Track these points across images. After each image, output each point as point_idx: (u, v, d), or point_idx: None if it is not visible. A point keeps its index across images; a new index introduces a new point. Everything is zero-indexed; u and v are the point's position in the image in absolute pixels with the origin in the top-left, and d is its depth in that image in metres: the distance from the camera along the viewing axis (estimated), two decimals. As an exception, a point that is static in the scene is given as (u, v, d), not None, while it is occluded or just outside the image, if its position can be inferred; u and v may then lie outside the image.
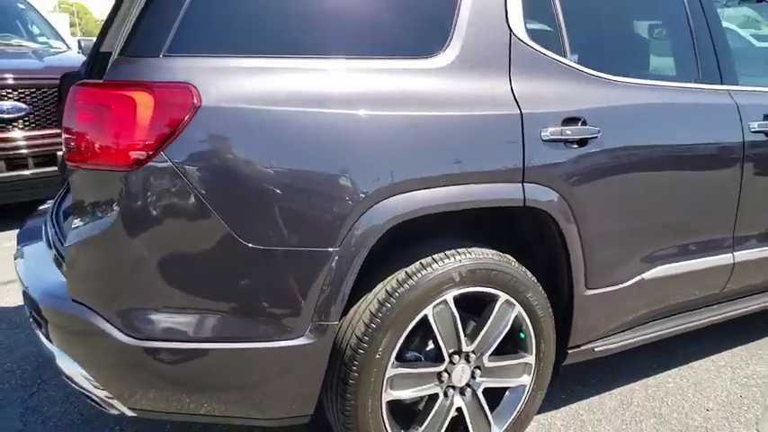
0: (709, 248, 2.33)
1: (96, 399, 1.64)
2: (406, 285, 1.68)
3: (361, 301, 1.68)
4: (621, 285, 2.10)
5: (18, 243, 2.20)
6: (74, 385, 1.72)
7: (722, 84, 2.32)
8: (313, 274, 1.54)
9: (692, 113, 2.20)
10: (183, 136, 1.41)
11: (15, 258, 2.09)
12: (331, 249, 1.54)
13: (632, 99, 2.03)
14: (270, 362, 1.57)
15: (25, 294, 1.81)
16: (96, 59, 2.55)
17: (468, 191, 1.71)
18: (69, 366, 1.60)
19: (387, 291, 1.68)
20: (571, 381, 2.48)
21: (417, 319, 1.71)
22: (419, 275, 1.70)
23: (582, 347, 2.12)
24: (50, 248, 1.96)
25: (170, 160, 1.41)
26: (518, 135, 1.77)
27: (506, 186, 1.77)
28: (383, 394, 1.71)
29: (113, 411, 1.66)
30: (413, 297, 1.68)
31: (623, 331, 2.23)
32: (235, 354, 1.54)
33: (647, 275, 2.16)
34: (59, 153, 4.93)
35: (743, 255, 2.43)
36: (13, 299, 3.45)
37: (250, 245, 1.48)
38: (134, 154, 1.40)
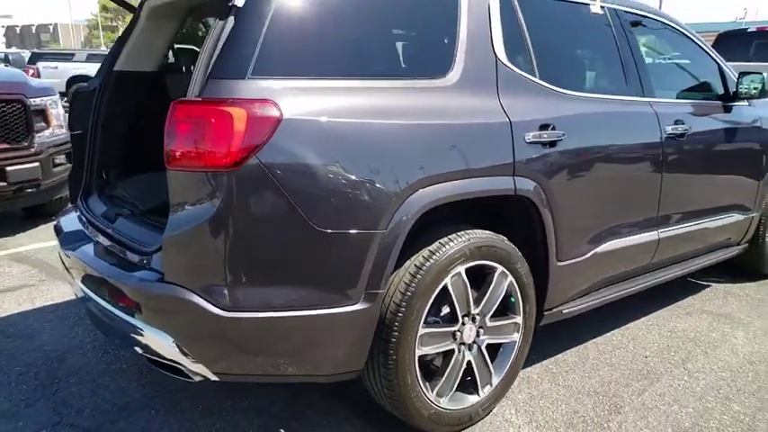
0: (642, 227, 2.91)
1: (182, 367, 1.91)
2: (430, 261, 2.08)
3: (395, 274, 2.07)
4: (582, 258, 2.62)
5: (66, 243, 2.39)
6: (154, 357, 1.97)
7: (644, 96, 2.92)
8: (367, 251, 1.91)
9: (626, 120, 2.78)
10: (270, 142, 1.75)
11: (69, 253, 2.30)
12: (380, 232, 1.92)
13: (585, 109, 2.57)
14: (333, 325, 1.92)
15: (99, 280, 2.05)
16: (110, 77, 2.75)
17: (475, 183, 2.14)
18: (158, 339, 1.86)
19: (416, 265, 2.07)
20: (538, 342, 2.96)
21: (440, 287, 2.12)
22: (440, 252, 2.10)
23: (554, 310, 2.62)
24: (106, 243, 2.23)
25: (260, 162, 1.74)
26: (509, 139, 2.24)
27: (503, 179, 2.22)
28: (416, 350, 2.10)
29: (196, 378, 1.94)
30: (436, 270, 2.09)
31: (582, 296, 2.75)
32: (306, 319, 1.88)
33: (599, 249, 2.69)
34: (9, 168, 4.93)
35: (665, 232, 3.04)
36: (-4, 311, 3.51)
37: (320, 229, 1.84)
38: (232, 158, 1.71)
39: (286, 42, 1.87)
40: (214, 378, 1.92)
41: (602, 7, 2.79)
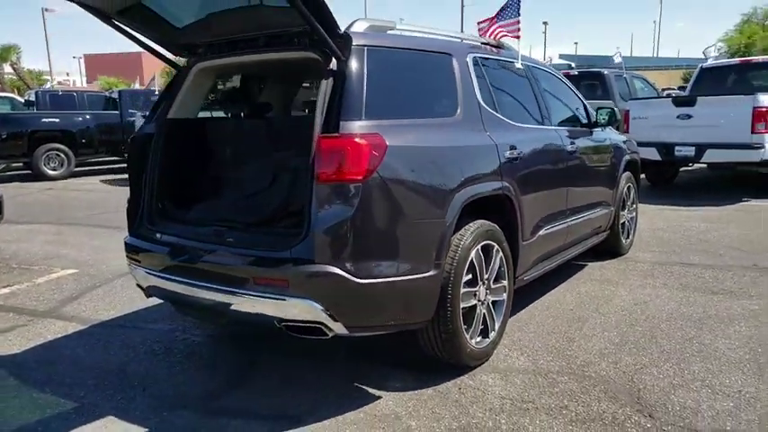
0: (560, 217, 4.12)
1: (322, 326, 2.60)
2: (463, 240, 3.01)
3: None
4: (534, 238, 3.73)
5: (179, 255, 2.92)
6: (293, 324, 2.65)
7: (551, 125, 4.18)
8: (436, 233, 2.81)
9: (547, 141, 3.99)
10: (383, 162, 2.59)
11: (189, 262, 2.85)
12: (442, 220, 2.84)
13: (526, 134, 3.72)
14: (419, 286, 2.77)
15: (233, 276, 2.73)
16: (165, 123, 3.32)
17: (485, 185, 3.15)
18: (305, 306, 2.56)
19: (455, 244, 2.99)
20: (499, 309, 4.00)
21: (470, 259, 3.06)
22: (467, 235, 3.05)
23: (519, 277, 3.68)
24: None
25: (379, 175, 2.57)
26: (497, 156, 3.29)
27: (497, 182, 3.25)
28: (460, 304, 3.01)
29: (331, 334, 2.65)
30: (467, 247, 3.03)
31: (533, 267, 3.86)
32: (406, 282, 2.71)
33: (541, 233, 3.83)
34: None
35: (571, 221, 4.29)
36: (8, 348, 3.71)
37: (413, 219, 2.70)
38: (362, 173, 2.52)
39: (375, 95, 2.73)
40: (345, 332, 2.65)
41: (522, 64, 4.01)
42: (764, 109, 7.87)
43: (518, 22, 3.91)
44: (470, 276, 3.15)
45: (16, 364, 3.44)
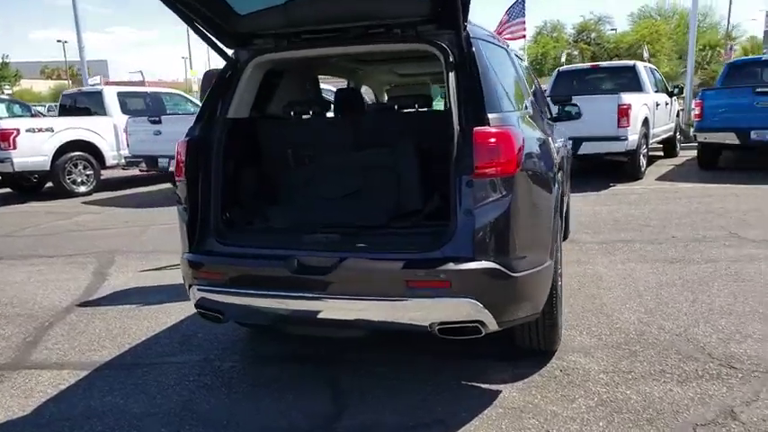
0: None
1: (478, 324, 2.50)
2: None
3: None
4: (562, 225, 3.98)
5: (307, 270, 2.57)
6: (447, 326, 2.53)
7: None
8: (551, 222, 2.88)
9: (557, 133, 4.27)
10: (524, 152, 2.59)
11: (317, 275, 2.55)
12: (552, 209, 2.92)
13: (551, 127, 3.95)
14: (545, 276, 2.80)
15: (380, 281, 2.55)
16: (225, 124, 2.93)
17: (560, 174, 3.30)
18: (464, 304, 2.45)
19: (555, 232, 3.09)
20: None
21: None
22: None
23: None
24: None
25: (523, 168, 2.57)
26: (556, 146, 3.46)
27: (559, 171, 3.42)
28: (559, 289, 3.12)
29: (485, 331, 2.56)
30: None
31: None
32: (541, 272, 2.73)
33: (562, 219, 4.10)
34: None
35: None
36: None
37: (540, 210, 2.75)
38: (514, 165, 2.50)
39: (499, 88, 2.73)
40: (497, 328, 2.58)
41: (526, 62, 4.24)
42: (626, 106, 9.12)
43: (523, 22, 4.12)
44: (553, 263, 3.28)
45: (39, 426, 2.79)
